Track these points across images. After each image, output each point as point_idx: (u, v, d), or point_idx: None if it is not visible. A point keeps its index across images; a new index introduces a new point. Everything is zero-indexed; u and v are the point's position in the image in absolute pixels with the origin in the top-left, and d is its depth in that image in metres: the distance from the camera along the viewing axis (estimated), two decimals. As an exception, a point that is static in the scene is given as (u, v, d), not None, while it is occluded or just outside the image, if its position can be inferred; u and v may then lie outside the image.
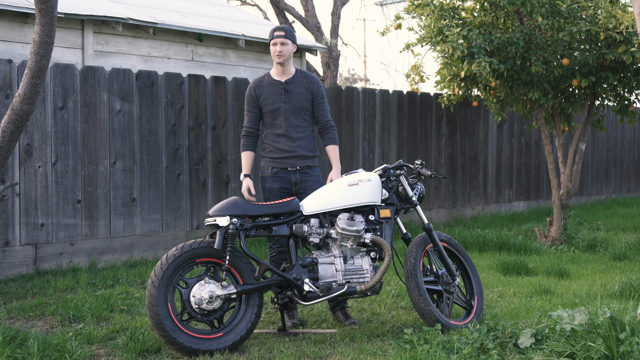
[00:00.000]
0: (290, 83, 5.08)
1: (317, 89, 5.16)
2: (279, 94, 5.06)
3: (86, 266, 6.63)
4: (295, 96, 5.06)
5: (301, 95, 5.08)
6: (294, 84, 5.09)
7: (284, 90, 5.06)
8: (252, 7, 19.78)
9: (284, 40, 5.01)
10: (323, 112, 5.19)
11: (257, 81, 5.15)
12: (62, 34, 8.05)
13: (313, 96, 5.14)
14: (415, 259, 4.71)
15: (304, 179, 5.07)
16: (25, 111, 4.28)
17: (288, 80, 5.09)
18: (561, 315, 4.09)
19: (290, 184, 5.06)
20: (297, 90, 5.08)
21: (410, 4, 7.94)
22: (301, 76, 5.14)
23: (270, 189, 5.07)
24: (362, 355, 4.25)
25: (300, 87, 5.09)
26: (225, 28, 9.62)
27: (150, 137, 7.05)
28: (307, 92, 5.11)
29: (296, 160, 5.06)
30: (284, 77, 5.10)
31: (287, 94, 5.05)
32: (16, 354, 3.97)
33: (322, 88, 5.20)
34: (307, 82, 5.13)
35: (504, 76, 8.06)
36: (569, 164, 8.48)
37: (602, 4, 7.52)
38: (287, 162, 5.05)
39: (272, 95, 5.07)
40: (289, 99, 5.05)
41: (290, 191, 5.07)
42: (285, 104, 5.05)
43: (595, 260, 7.35)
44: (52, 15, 4.19)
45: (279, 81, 5.09)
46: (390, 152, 9.18)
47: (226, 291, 4.34)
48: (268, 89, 5.08)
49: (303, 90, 5.09)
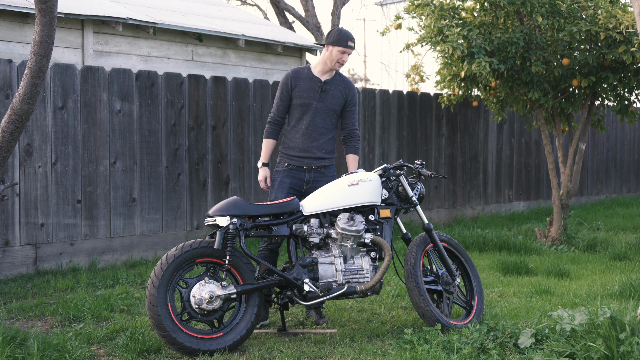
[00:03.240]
0: (329, 83, 5.08)
1: (352, 96, 5.17)
2: (314, 91, 5.04)
3: (86, 266, 6.62)
4: (329, 97, 5.06)
5: (335, 98, 5.09)
6: (332, 85, 5.09)
7: (321, 89, 5.05)
8: (252, 7, 19.79)
9: (352, 52, 5.02)
10: (352, 120, 5.21)
11: (296, 71, 5.12)
12: (62, 34, 8.05)
13: (347, 102, 5.15)
14: (415, 259, 4.71)
15: (318, 179, 5.06)
16: (25, 111, 4.28)
17: (327, 80, 5.08)
18: (561, 315, 4.09)
19: (302, 181, 5.05)
20: (333, 93, 5.08)
21: (410, 4, 7.94)
22: (340, 79, 5.14)
23: (281, 182, 5.05)
24: (362, 355, 4.25)
25: (336, 90, 5.09)
26: (225, 28, 9.62)
27: (150, 137, 7.05)
28: (342, 96, 5.11)
29: (312, 161, 5.06)
30: (324, 76, 5.09)
31: (322, 94, 5.05)
32: (16, 354, 3.97)
33: (357, 97, 5.21)
34: (344, 86, 5.13)
35: (504, 76, 8.06)
36: (569, 164, 8.48)
37: (602, 4, 7.52)
38: (304, 161, 5.05)
39: (307, 90, 5.04)
40: (323, 98, 5.05)
41: (300, 189, 5.06)
42: (318, 102, 5.04)
43: (595, 260, 7.35)
44: (52, 15, 4.19)
45: (318, 78, 5.07)
46: (390, 152, 9.18)
47: (226, 291, 4.34)
48: (305, 83, 5.06)
49: (339, 93, 5.10)
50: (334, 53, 5.01)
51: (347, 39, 4.99)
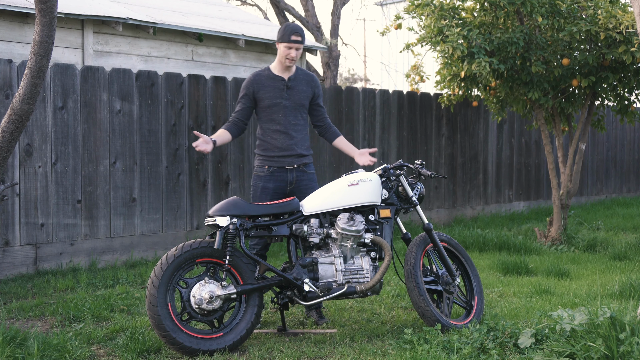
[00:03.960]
0: (292, 80, 5.06)
1: (318, 88, 5.18)
2: (279, 90, 5.02)
3: (86, 266, 6.62)
4: (296, 93, 5.04)
5: (302, 93, 5.07)
6: (297, 81, 5.07)
7: (287, 87, 5.03)
8: (252, 7, 19.78)
9: (299, 45, 4.97)
10: (322, 114, 5.24)
11: (257, 74, 5.09)
12: (62, 34, 8.05)
13: (314, 95, 5.15)
14: (415, 259, 4.71)
15: (300, 178, 5.04)
16: (25, 111, 4.28)
17: (291, 77, 5.06)
18: (561, 315, 4.09)
19: (286, 182, 5.01)
20: (299, 88, 5.06)
21: (410, 4, 7.94)
22: (302, 74, 5.13)
23: (263, 188, 5.00)
24: (362, 355, 4.25)
25: (302, 84, 5.08)
26: (225, 28, 9.62)
27: (150, 137, 7.05)
28: (308, 90, 5.11)
29: (294, 159, 5.03)
30: (286, 74, 5.07)
31: (288, 91, 5.03)
32: (16, 354, 3.97)
33: (321, 89, 5.21)
34: (309, 79, 5.13)
35: (504, 76, 8.06)
36: (569, 164, 8.48)
37: (602, 4, 7.52)
38: (285, 161, 5.01)
39: (272, 91, 5.02)
40: (290, 95, 5.03)
41: (284, 191, 5.03)
42: (286, 100, 5.01)
43: (595, 260, 7.35)
44: (52, 15, 4.19)
45: (280, 77, 5.05)
46: (390, 152, 9.18)
47: (226, 291, 4.34)
48: (268, 84, 5.03)
49: (304, 87, 5.09)
50: (281, 50, 4.97)
51: (291, 34, 4.93)
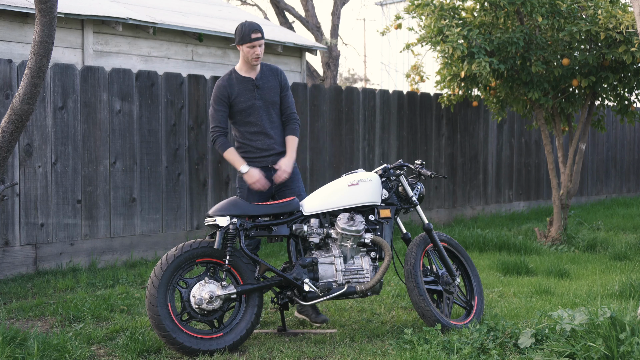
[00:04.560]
0: (260, 79, 5.01)
1: (284, 80, 5.10)
2: (250, 91, 4.98)
3: (86, 266, 6.63)
4: (266, 91, 5.00)
5: (272, 90, 5.02)
6: (264, 80, 5.02)
7: (255, 86, 4.99)
8: (252, 7, 19.79)
9: (261, 42, 4.92)
10: (289, 104, 5.12)
11: (227, 79, 5.02)
12: (62, 34, 8.05)
13: (281, 88, 5.08)
14: (415, 259, 4.71)
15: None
16: (25, 111, 4.28)
17: (257, 77, 5.02)
18: (561, 315, 4.09)
19: (271, 180, 4.99)
20: (268, 85, 5.02)
21: (410, 4, 7.94)
22: (267, 70, 5.07)
23: (250, 189, 4.97)
24: (362, 355, 4.25)
25: (269, 81, 5.03)
26: (225, 28, 9.62)
27: (150, 137, 7.05)
28: (276, 85, 5.05)
29: (276, 157, 5.00)
30: (253, 74, 5.02)
31: (258, 91, 4.99)
32: (16, 354, 3.97)
33: (287, 80, 5.14)
34: (274, 74, 5.07)
35: (504, 76, 8.06)
36: (569, 164, 8.48)
37: (602, 4, 7.52)
38: (267, 160, 4.99)
39: (244, 93, 4.97)
40: (261, 95, 4.99)
41: (270, 191, 5.00)
42: (258, 100, 4.98)
43: (595, 260, 7.34)
44: (52, 15, 4.19)
45: (249, 78, 5.00)
46: (390, 152, 9.18)
47: (226, 291, 4.34)
48: (239, 86, 4.99)
49: (272, 83, 5.04)
50: (245, 51, 4.92)
51: (250, 32, 4.87)
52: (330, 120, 8.47)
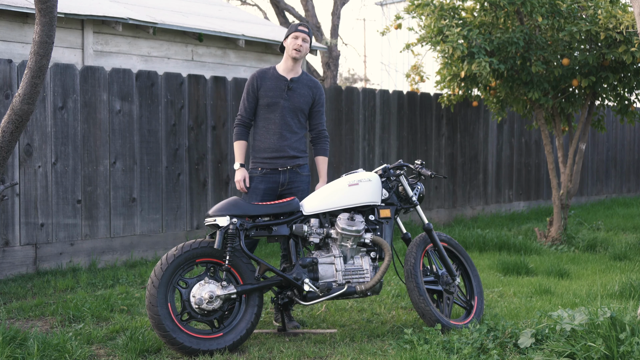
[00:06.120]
0: (295, 82, 5.00)
1: (320, 95, 5.09)
2: (281, 90, 4.96)
3: (86, 266, 6.63)
4: (297, 96, 4.98)
5: (303, 97, 5.00)
6: (299, 84, 5.00)
7: (288, 87, 4.97)
8: (252, 7, 19.80)
9: (306, 36, 4.94)
10: (320, 121, 5.12)
11: (261, 72, 5.03)
12: (62, 34, 8.05)
13: (314, 102, 5.06)
14: (415, 259, 4.71)
15: (293, 179, 4.98)
16: (25, 111, 4.28)
17: (294, 79, 5.00)
18: (561, 315, 4.09)
19: (278, 184, 4.96)
20: (300, 91, 5.00)
21: (410, 4, 7.94)
22: (307, 79, 5.06)
23: (254, 189, 4.94)
24: (362, 355, 4.25)
25: (304, 88, 5.01)
26: (225, 28, 9.62)
27: (150, 137, 7.05)
28: (309, 95, 5.03)
29: (286, 160, 4.96)
30: (290, 75, 5.01)
31: (289, 92, 4.97)
32: (16, 354, 3.97)
33: (324, 97, 5.13)
34: (312, 85, 5.05)
35: (504, 76, 8.06)
36: (569, 164, 8.48)
37: (602, 4, 7.52)
38: (278, 162, 4.95)
39: (274, 89, 4.96)
40: (290, 97, 4.97)
41: (275, 192, 4.97)
42: (285, 101, 4.95)
43: (595, 260, 7.35)
44: (52, 15, 4.19)
45: (283, 77, 4.99)
46: (390, 152, 9.18)
47: (226, 291, 4.34)
48: (271, 82, 4.98)
49: (306, 92, 5.01)
50: (289, 42, 4.95)
51: (298, 25, 4.97)
52: (330, 120, 8.47)
